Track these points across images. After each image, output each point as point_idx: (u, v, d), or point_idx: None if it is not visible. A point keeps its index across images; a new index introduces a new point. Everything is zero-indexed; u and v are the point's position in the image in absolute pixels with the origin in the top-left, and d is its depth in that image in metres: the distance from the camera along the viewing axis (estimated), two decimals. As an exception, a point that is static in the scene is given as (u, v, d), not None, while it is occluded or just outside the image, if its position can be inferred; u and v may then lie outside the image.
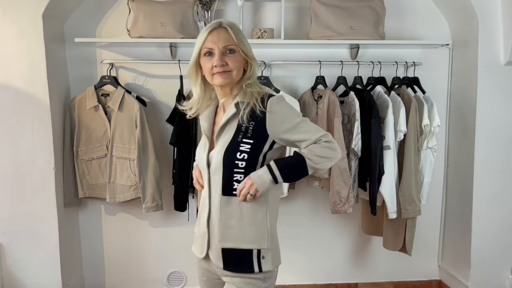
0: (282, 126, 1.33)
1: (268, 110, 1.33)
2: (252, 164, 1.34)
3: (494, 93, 2.40)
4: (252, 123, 1.34)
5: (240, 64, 1.36)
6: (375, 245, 2.75)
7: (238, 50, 1.35)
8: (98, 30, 2.50)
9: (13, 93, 2.22)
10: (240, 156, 1.32)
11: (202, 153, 1.42)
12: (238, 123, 1.35)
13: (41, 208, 2.29)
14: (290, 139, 1.34)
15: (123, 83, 2.47)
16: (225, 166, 1.34)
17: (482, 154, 2.43)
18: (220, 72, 1.33)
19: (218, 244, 1.38)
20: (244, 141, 1.33)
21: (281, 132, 1.33)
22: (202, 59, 1.36)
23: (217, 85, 1.37)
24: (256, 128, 1.33)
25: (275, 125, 1.33)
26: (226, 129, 1.37)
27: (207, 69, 1.34)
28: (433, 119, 2.36)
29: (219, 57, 1.32)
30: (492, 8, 2.34)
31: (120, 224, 2.64)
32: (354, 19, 2.35)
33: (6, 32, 2.19)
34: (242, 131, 1.34)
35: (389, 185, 2.32)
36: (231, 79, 1.35)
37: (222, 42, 1.33)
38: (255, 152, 1.34)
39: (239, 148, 1.33)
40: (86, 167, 2.41)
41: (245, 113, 1.33)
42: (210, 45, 1.33)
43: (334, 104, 2.30)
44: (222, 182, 1.35)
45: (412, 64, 2.52)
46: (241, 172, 1.34)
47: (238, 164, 1.33)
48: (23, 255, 2.32)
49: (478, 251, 2.48)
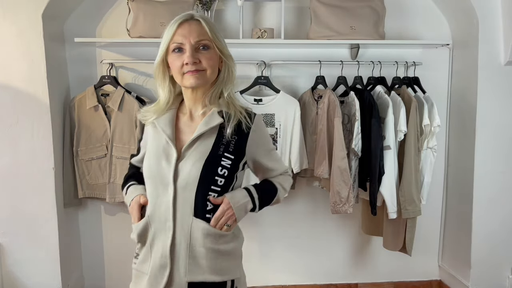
0: (261, 148, 1.25)
1: (254, 128, 1.21)
2: (229, 182, 1.20)
3: (494, 93, 2.40)
4: (234, 137, 1.19)
5: (215, 63, 1.18)
6: (375, 245, 2.75)
7: (213, 46, 1.17)
8: (98, 30, 2.50)
9: (13, 93, 2.22)
10: (221, 172, 1.17)
11: (165, 165, 1.17)
12: (217, 134, 1.19)
13: (41, 208, 2.29)
14: (264, 164, 1.26)
15: (123, 83, 2.47)
16: (202, 181, 1.15)
17: (482, 154, 2.43)
18: (192, 71, 1.14)
19: (183, 278, 1.15)
20: (225, 155, 1.18)
21: (259, 154, 1.24)
22: (170, 56, 1.17)
23: (187, 86, 1.18)
24: (237, 144, 1.20)
25: (255, 145, 1.23)
26: (201, 139, 1.19)
27: (176, 67, 1.16)
28: (433, 119, 2.36)
29: (190, 53, 1.13)
30: (492, 8, 2.34)
31: (120, 224, 2.64)
32: (354, 19, 2.35)
33: (6, 32, 2.19)
34: (223, 144, 1.19)
35: (389, 185, 2.32)
36: (205, 79, 1.17)
37: (194, 36, 1.14)
38: (234, 170, 1.20)
39: (220, 162, 1.17)
40: (86, 167, 2.40)
41: (232, 126, 1.18)
42: (180, 40, 1.14)
43: (334, 104, 2.30)
44: (195, 201, 1.15)
45: (412, 64, 2.52)
46: (217, 190, 1.17)
47: (217, 181, 1.17)
48: (23, 255, 2.32)
49: (478, 251, 2.48)
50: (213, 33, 1.17)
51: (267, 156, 1.27)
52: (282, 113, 2.38)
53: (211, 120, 1.19)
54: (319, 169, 2.34)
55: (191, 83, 1.16)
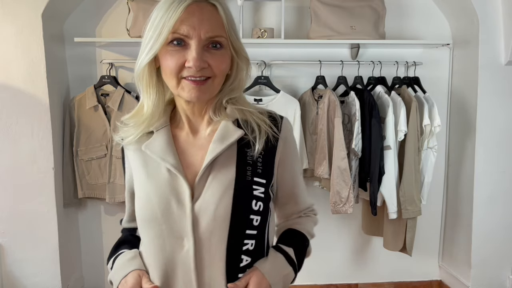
0: (289, 166, 0.91)
1: (283, 135, 0.89)
2: (264, 220, 0.87)
3: (495, 93, 2.39)
4: (261, 153, 0.87)
5: (227, 67, 0.85)
6: (375, 245, 2.75)
7: (228, 45, 0.84)
8: (97, 30, 2.50)
9: (12, 93, 2.22)
10: (256, 207, 0.83)
11: (175, 208, 0.82)
12: (239, 152, 0.86)
13: (40, 208, 2.29)
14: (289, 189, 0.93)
15: (122, 83, 2.47)
16: (235, 225, 0.82)
17: (482, 154, 2.42)
18: (195, 80, 0.80)
19: None
20: (255, 180, 0.84)
21: (286, 173, 0.91)
22: (164, 49, 0.81)
23: (187, 99, 0.84)
24: (266, 161, 0.87)
25: (283, 160, 0.90)
26: (219, 162, 0.85)
27: (171, 68, 0.81)
28: (434, 119, 2.36)
29: (198, 54, 0.79)
30: (492, 8, 2.33)
31: (119, 224, 2.63)
32: (355, 18, 2.35)
33: (5, 32, 2.18)
34: (249, 164, 0.85)
35: (390, 185, 2.32)
36: (211, 91, 0.84)
37: (207, 28, 0.80)
38: (267, 200, 0.87)
39: (252, 192, 0.83)
40: (85, 167, 2.40)
41: (260, 140, 0.86)
42: (186, 31, 0.79)
43: (334, 104, 2.29)
44: (227, 257, 0.82)
45: (413, 64, 2.51)
46: (253, 235, 0.84)
47: (252, 221, 0.83)
48: (23, 255, 2.32)
49: (478, 251, 2.47)
50: (231, 26, 0.84)
51: (294, 178, 0.94)
52: (282, 113, 2.37)
53: (227, 134, 0.85)
54: (319, 169, 2.34)
55: (193, 97, 0.82)
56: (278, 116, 0.93)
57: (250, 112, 0.89)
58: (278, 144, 0.89)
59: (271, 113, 0.93)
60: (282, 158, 0.90)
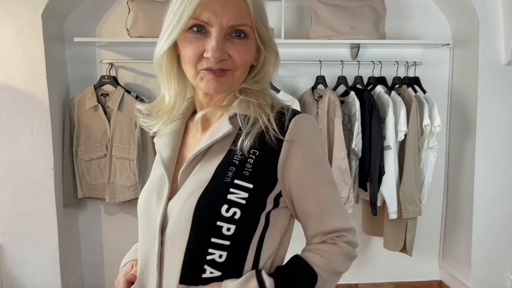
0: (302, 174, 0.75)
1: (290, 136, 0.75)
2: (248, 231, 0.74)
3: (495, 93, 2.39)
4: (254, 153, 0.75)
5: (251, 59, 0.78)
6: (375, 245, 2.75)
7: (253, 35, 0.77)
8: (97, 30, 2.49)
9: (12, 93, 2.22)
10: (228, 212, 0.72)
11: (154, 204, 0.79)
12: (228, 151, 0.77)
13: (40, 208, 2.29)
14: (302, 206, 0.76)
15: (122, 83, 2.47)
16: (196, 230, 0.73)
17: (482, 154, 2.42)
18: (215, 72, 0.74)
19: None
20: (236, 183, 0.73)
21: (297, 185, 0.75)
22: (183, 36, 0.75)
23: (205, 91, 0.78)
24: (259, 163, 0.75)
25: (292, 167, 0.75)
26: (205, 159, 0.78)
27: (190, 56, 0.75)
28: (434, 119, 2.36)
29: (218, 43, 0.72)
30: (493, 8, 2.33)
31: (119, 225, 2.63)
32: (355, 18, 2.34)
33: (5, 32, 2.18)
34: (234, 165, 0.75)
35: (390, 185, 2.32)
36: (231, 84, 0.78)
37: (230, 16, 0.73)
38: (256, 208, 0.74)
39: (226, 195, 0.72)
40: (85, 167, 2.40)
41: (249, 135, 0.75)
42: (207, 17, 0.72)
43: (335, 104, 2.29)
44: (184, 263, 0.74)
45: (413, 64, 2.51)
46: (223, 245, 0.73)
47: (221, 228, 0.72)
48: (23, 255, 2.32)
49: (479, 251, 2.47)
50: (258, 14, 0.76)
51: (313, 191, 0.75)
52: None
53: (217, 130, 0.78)
54: (319, 169, 2.33)
55: (210, 89, 0.76)
56: (290, 114, 0.77)
57: (258, 106, 0.78)
58: (282, 146, 0.75)
59: (284, 109, 0.79)
60: (289, 164, 0.75)
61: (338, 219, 0.76)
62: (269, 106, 0.79)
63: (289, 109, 0.79)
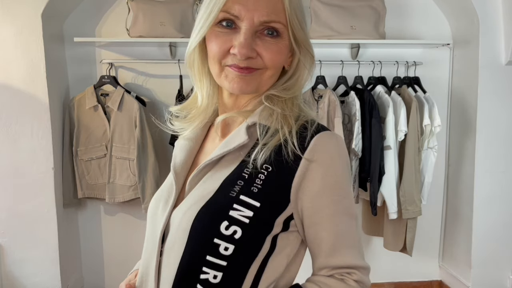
0: (320, 199, 0.68)
1: (310, 155, 0.68)
2: (247, 254, 0.68)
3: (495, 93, 2.39)
4: (267, 168, 0.69)
5: (283, 59, 0.72)
6: (375, 245, 2.75)
7: (286, 33, 0.71)
8: (97, 30, 2.49)
9: (12, 93, 2.22)
10: (227, 230, 0.66)
11: (160, 212, 0.75)
12: (240, 162, 0.71)
13: (40, 208, 2.29)
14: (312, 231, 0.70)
15: (122, 83, 2.46)
16: (191, 245, 0.68)
17: (483, 154, 2.42)
18: (241, 68, 0.69)
19: None
20: (242, 199, 0.67)
21: (312, 210, 0.68)
22: (212, 30, 0.70)
23: (229, 91, 0.72)
24: (270, 181, 0.68)
25: (312, 188, 0.68)
26: (216, 168, 0.73)
27: (216, 52, 0.70)
28: (434, 119, 2.35)
29: (247, 39, 0.67)
30: (493, 8, 2.33)
31: (119, 225, 2.63)
32: (355, 18, 2.34)
33: (5, 32, 2.18)
34: (243, 178, 0.69)
35: (390, 185, 2.31)
36: (257, 84, 0.71)
37: (263, 12, 0.67)
38: (260, 228, 0.68)
39: (228, 210, 0.67)
40: (85, 167, 2.40)
41: (265, 147, 0.69)
42: (237, 10, 0.67)
43: (335, 104, 2.29)
44: (176, 275, 0.69)
45: (413, 64, 2.51)
46: (219, 265, 0.66)
47: (218, 246, 0.66)
48: (23, 255, 2.31)
49: (479, 251, 2.47)
50: (294, 12, 0.71)
51: (326, 219, 0.69)
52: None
53: (232, 139, 0.73)
54: (319, 169, 2.33)
55: (235, 87, 0.70)
56: (313, 128, 0.69)
57: (282, 117, 0.71)
58: (299, 164, 0.67)
59: (308, 123, 0.71)
60: (305, 186, 0.67)
61: (351, 254, 0.69)
62: (295, 117, 0.72)
63: (314, 123, 0.71)
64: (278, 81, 0.75)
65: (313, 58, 0.75)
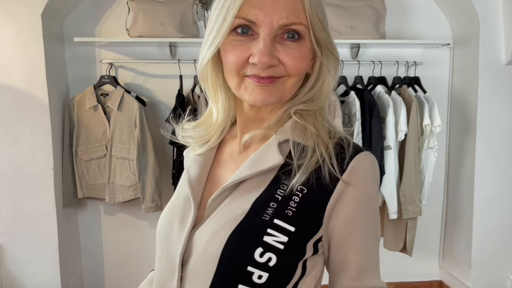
0: (354, 223, 0.65)
1: (347, 178, 0.64)
2: (281, 282, 0.64)
3: (495, 93, 2.39)
4: (302, 190, 0.64)
5: (306, 65, 0.67)
6: (375, 245, 2.75)
7: (308, 35, 0.64)
8: (97, 30, 2.49)
9: (12, 93, 2.22)
10: (262, 257, 0.61)
11: (176, 231, 0.69)
12: (271, 182, 0.66)
13: (40, 208, 2.29)
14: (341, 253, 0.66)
15: (122, 82, 2.46)
16: (222, 273, 0.63)
17: (483, 154, 2.42)
18: (262, 78, 0.63)
19: None
20: (276, 223, 0.62)
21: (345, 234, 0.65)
22: (226, 39, 0.63)
23: (250, 103, 0.66)
24: (306, 202, 0.64)
25: (347, 211, 0.65)
26: (242, 187, 0.67)
27: (233, 62, 0.64)
28: (434, 119, 2.35)
29: (267, 46, 0.61)
30: (493, 8, 2.33)
31: (119, 225, 2.63)
32: (355, 18, 2.34)
33: (5, 32, 2.18)
34: (276, 200, 0.64)
35: (390, 185, 2.31)
36: (281, 94, 0.66)
37: (282, 14, 0.61)
38: (294, 254, 0.64)
39: (262, 236, 0.62)
40: (85, 167, 2.40)
41: (303, 169, 0.64)
42: (253, 15, 0.61)
43: (335, 104, 2.29)
44: None
45: (413, 64, 2.51)
46: None
47: (251, 275, 0.61)
48: (22, 255, 2.31)
49: (479, 252, 2.47)
50: (315, 12, 0.63)
51: (356, 242, 0.66)
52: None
53: (264, 156, 0.67)
54: (319, 169, 2.33)
55: (257, 99, 0.64)
56: (352, 149, 0.65)
57: (316, 135, 0.66)
58: (336, 187, 0.63)
59: (344, 142, 0.66)
60: (340, 208, 0.64)
61: (375, 277, 0.67)
62: (331, 134, 0.68)
63: (349, 142, 0.66)
64: (301, 88, 0.70)
65: (338, 61, 0.69)
